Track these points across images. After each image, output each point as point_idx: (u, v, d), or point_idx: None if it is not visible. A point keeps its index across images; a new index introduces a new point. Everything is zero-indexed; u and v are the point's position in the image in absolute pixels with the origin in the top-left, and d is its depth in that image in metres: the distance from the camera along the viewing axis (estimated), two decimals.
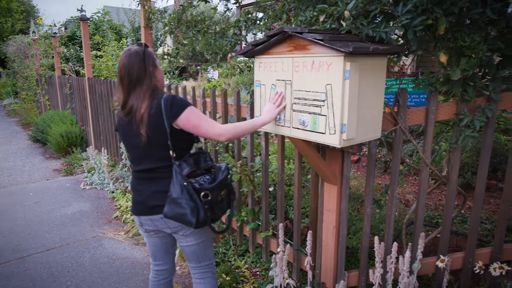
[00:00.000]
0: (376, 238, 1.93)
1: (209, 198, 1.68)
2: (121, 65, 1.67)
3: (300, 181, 2.34)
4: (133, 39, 11.56)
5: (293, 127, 1.71)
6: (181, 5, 3.24)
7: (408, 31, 1.59)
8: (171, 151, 1.68)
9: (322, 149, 2.03)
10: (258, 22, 2.57)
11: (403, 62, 5.70)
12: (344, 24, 1.58)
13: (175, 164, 1.68)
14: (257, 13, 2.66)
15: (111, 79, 5.01)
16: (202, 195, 1.66)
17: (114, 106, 1.82)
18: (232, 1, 2.95)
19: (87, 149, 5.81)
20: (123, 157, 4.60)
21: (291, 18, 2.29)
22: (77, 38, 10.25)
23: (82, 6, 5.65)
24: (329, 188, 2.05)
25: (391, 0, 1.58)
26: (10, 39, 12.55)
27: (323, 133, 1.58)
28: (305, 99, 1.62)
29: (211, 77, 11.58)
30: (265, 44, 1.70)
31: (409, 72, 6.75)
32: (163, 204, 1.69)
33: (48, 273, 2.95)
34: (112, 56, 6.60)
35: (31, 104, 10.32)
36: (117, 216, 3.95)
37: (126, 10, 12.74)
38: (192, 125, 1.65)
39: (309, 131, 1.63)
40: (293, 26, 1.84)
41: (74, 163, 5.90)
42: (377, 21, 1.61)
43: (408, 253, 1.89)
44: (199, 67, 12.17)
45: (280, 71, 1.71)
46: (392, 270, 1.98)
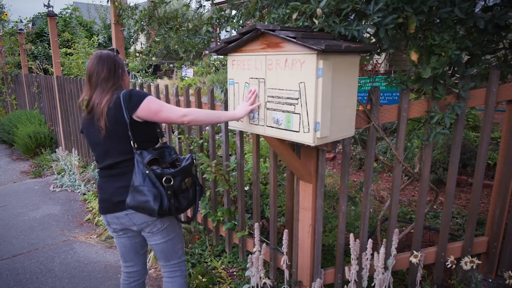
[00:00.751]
0: (351, 235, 1.95)
1: (171, 183, 1.65)
2: (90, 64, 1.72)
3: (275, 180, 2.33)
4: (105, 36, 11.22)
5: (267, 126, 1.69)
6: (152, 1, 3.16)
7: (379, 30, 1.61)
8: (132, 142, 1.66)
9: (297, 147, 2.02)
10: (231, 19, 2.54)
11: (376, 60, 5.79)
12: (316, 22, 1.58)
13: (136, 153, 1.65)
14: (231, 10, 2.63)
15: (82, 78, 4.85)
16: (164, 179, 1.63)
17: (79, 105, 1.80)
18: None
19: (57, 150, 5.59)
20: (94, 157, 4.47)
21: (264, 15, 2.27)
22: (46, 35, 9.85)
23: (49, 1, 5.42)
24: (304, 186, 2.05)
25: None
26: None
27: (297, 132, 1.57)
28: (279, 97, 1.60)
29: (184, 76, 11.43)
30: (237, 41, 1.68)
31: (382, 70, 6.89)
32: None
33: (15, 280, 2.82)
34: (82, 54, 6.39)
35: None
36: (89, 218, 3.82)
37: (97, 6, 12.39)
38: (153, 112, 1.64)
39: (283, 129, 1.62)
40: (266, 23, 1.82)
41: (43, 164, 5.68)
42: (349, 19, 1.62)
43: (382, 250, 1.91)
44: (173, 65, 11.98)
45: (253, 69, 1.69)
46: (367, 266, 1.99)
